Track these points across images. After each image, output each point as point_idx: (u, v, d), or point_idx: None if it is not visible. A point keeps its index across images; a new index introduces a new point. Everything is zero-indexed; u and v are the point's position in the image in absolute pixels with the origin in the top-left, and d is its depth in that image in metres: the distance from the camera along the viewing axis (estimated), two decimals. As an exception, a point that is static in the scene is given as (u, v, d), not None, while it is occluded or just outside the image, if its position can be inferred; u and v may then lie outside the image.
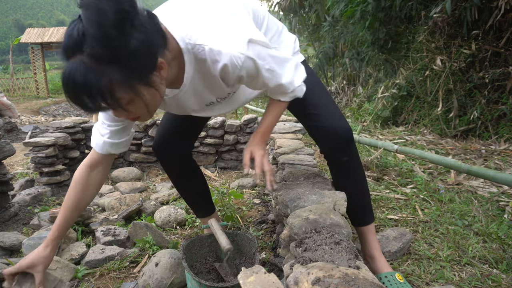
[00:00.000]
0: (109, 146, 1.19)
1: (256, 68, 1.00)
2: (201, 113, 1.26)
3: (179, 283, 1.41)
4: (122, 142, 1.21)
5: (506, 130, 3.37)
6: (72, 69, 0.78)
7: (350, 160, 1.31)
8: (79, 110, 4.69)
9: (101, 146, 1.19)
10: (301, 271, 0.77)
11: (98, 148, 1.20)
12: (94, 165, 1.22)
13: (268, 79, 1.06)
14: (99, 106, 0.82)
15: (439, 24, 4.00)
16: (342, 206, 1.26)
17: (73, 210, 1.20)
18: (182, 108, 1.20)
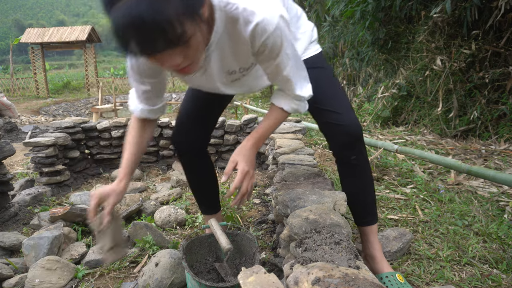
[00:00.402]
0: (147, 112, 1.23)
1: (280, 43, 0.98)
2: (220, 86, 1.20)
3: (179, 283, 1.41)
4: (158, 109, 1.25)
5: (506, 130, 3.37)
6: (131, 8, 0.71)
7: (358, 158, 1.31)
8: (79, 105, 4.64)
9: (139, 112, 1.23)
10: (301, 271, 0.77)
11: (136, 113, 1.24)
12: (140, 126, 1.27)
13: (283, 65, 1.04)
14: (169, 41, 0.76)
15: (439, 24, 4.00)
16: (342, 206, 1.26)
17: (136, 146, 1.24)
18: (204, 75, 1.14)
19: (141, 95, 1.20)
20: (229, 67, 1.11)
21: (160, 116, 1.30)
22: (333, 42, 7.48)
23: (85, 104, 12.79)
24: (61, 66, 37.46)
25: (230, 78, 1.17)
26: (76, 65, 42.50)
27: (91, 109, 9.02)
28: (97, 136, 3.28)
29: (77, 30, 14.33)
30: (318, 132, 4.29)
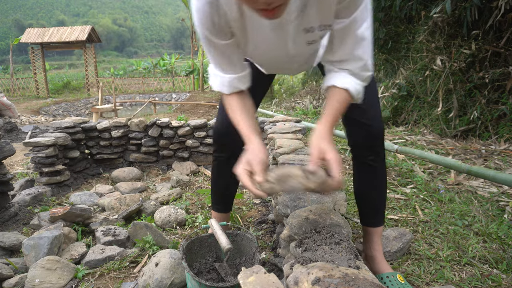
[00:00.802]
0: (236, 81, 1.13)
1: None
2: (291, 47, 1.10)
3: (179, 283, 1.41)
4: (246, 75, 1.15)
5: (506, 130, 3.37)
6: None
7: (376, 160, 1.30)
8: (79, 105, 4.65)
9: (227, 84, 1.13)
10: (301, 271, 0.77)
11: (225, 88, 1.14)
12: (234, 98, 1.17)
13: (359, 18, 0.96)
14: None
15: (439, 24, 4.00)
16: (342, 206, 1.26)
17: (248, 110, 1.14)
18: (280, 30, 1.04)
19: (222, 62, 1.10)
20: (309, 23, 1.01)
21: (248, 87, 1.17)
22: (333, 42, 7.47)
23: (85, 104, 12.79)
24: (61, 66, 37.48)
25: (305, 38, 1.06)
26: (76, 65, 42.52)
27: (91, 109, 9.02)
28: (97, 136, 3.28)
29: (77, 30, 14.34)
30: (318, 132, 4.28)
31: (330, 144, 0.98)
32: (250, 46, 1.13)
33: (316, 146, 0.99)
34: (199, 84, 12.86)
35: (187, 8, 11.95)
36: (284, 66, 1.31)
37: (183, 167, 3.22)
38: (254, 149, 1.02)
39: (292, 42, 1.07)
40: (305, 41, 1.07)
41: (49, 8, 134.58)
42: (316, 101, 7.58)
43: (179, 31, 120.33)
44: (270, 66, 1.35)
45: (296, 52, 1.13)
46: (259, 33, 1.06)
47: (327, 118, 1.03)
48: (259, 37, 1.08)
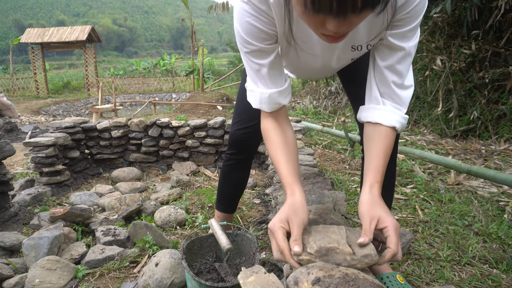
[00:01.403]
0: (276, 95, 1.04)
1: (417, 11, 0.88)
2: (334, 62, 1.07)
3: (179, 283, 1.41)
4: (286, 89, 1.07)
5: (506, 130, 3.37)
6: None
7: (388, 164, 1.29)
8: (79, 105, 4.65)
9: (267, 100, 1.04)
10: (301, 271, 0.77)
11: (266, 105, 1.05)
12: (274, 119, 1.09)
13: (409, 38, 0.92)
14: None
15: (439, 24, 4.00)
16: (342, 206, 1.26)
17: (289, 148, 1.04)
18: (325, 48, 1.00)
19: (265, 75, 1.03)
20: (357, 41, 0.97)
21: (288, 101, 1.09)
22: (333, 42, 7.47)
23: (85, 104, 12.79)
24: (61, 66, 37.47)
25: (351, 55, 1.04)
26: (76, 65, 42.52)
27: (91, 109, 9.02)
28: (97, 136, 3.28)
29: (77, 30, 14.33)
30: (318, 132, 4.29)
31: (386, 210, 0.88)
32: (292, 56, 1.09)
33: (368, 213, 0.88)
34: (199, 84, 12.84)
35: (187, 8, 11.95)
36: (316, 75, 1.30)
37: (183, 167, 3.22)
38: (295, 204, 0.91)
39: (337, 58, 1.05)
40: (350, 57, 1.06)
41: (49, 8, 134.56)
42: (316, 101, 7.58)
43: (179, 31, 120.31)
44: (304, 74, 1.34)
45: (339, 67, 1.13)
46: (306, 46, 1.02)
47: (376, 177, 0.93)
48: (307, 53, 1.05)
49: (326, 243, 0.83)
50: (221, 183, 1.63)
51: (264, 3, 0.90)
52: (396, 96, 0.99)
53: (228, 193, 1.64)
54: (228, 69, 17.24)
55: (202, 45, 12.14)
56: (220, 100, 8.82)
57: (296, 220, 0.87)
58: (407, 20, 0.89)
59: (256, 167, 3.25)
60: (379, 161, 0.95)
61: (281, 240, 0.85)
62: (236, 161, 1.52)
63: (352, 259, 0.81)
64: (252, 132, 1.40)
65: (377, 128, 0.99)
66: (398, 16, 0.88)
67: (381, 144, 0.97)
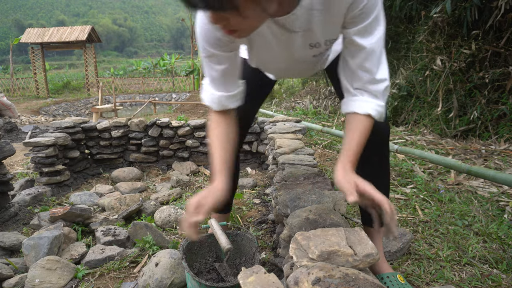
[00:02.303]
0: (225, 99, 1.14)
1: (369, 7, 0.91)
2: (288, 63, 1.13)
3: (179, 283, 1.41)
4: (236, 94, 1.16)
5: (506, 130, 3.37)
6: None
7: (381, 159, 1.29)
8: (79, 105, 4.66)
9: (217, 101, 1.14)
10: (301, 271, 0.77)
11: (214, 104, 1.15)
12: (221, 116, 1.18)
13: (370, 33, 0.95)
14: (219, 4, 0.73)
15: (439, 24, 4.00)
16: (342, 206, 1.26)
17: (228, 141, 1.14)
18: (279, 46, 1.05)
19: (217, 79, 1.11)
20: (314, 38, 1.01)
21: (237, 105, 1.18)
22: (333, 42, 7.47)
23: (85, 104, 12.79)
24: (61, 66, 37.49)
25: (311, 52, 1.07)
26: (76, 65, 42.53)
27: (91, 109, 9.02)
28: (97, 136, 3.28)
29: (77, 30, 14.33)
30: (318, 132, 4.29)
31: (360, 179, 0.94)
32: (256, 58, 1.16)
33: (344, 178, 0.94)
34: (199, 84, 12.85)
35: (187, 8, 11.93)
36: (293, 73, 1.33)
37: (183, 167, 3.22)
38: (211, 188, 1.05)
39: (298, 55, 1.09)
40: (311, 54, 1.09)
41: (49, 8, 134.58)
42: (316, 101, 7.58)
43: (179, 31, 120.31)
44: (278, 74, 1.38)
45: (303, 63, 1.15)
46: (266, 47, 1.08)
47: (349, 157, 0.99)
48: (265, 51, 1.10)
49: (327, 246, 0.84)
50: None
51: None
52: (370, 91, 1.03)
53: None
54: (228, 69, 17.20)
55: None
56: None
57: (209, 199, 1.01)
58: (362, 17, 0.92)
59: (256, 167, 3.25)
60: (351, 144, 1.00)
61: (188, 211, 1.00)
62: None
63: (355, 260, 0.82)
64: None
65: (354, 117, 1.04)
66: (352, 14, 0.92)
67: (356, 130, 1.02)
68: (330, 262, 0.81)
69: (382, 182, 1.34)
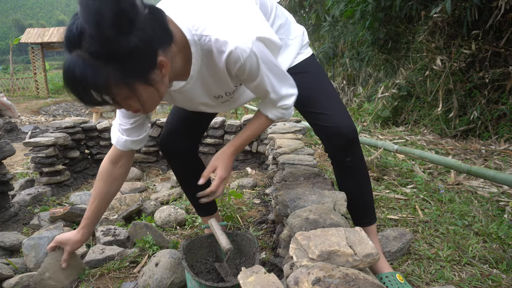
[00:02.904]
0: (130, 143, 1.25)
1: (257, 66, 0.98)
2: (209, 108, 1.25)
3: (179, 283, 1.41)
4: (141, 139, 1.27)
5: (506, 130, 3.37)
6: (71, 63, 0.79)
7: (354, 160, 1.30)
8: (79, 105, 4.70)
9: (122, 144, 1.25)
10: (301, 271, 0.77)
11: (119, 145, 1.26)
12: (116, 160, 1.30)
13: (264, 83, 1.05)
14: (95, 100, 0.85)
15: (439, 24, 4.00)
16: (342, 206, 1.25)
17: (101, 201, 1.32)
18: (190, 101, 1.19)
19: (125, 127, 1.22)
20: (214, 93, 1.14)
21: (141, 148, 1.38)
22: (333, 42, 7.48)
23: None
24: (61, 66, 37.42)
25: (219, 101, 1.20)
26: (76, 65, 42.45)
27: (91, 109, 9.01)
28: (97, 136, 3.28)
29: (77, 30, 14.32)
30: (318, 132, 4.29)
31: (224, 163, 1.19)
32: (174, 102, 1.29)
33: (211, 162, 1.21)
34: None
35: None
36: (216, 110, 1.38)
37: (183, 167, 3.22)
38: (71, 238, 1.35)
39: (208, 103, 1.20)
40: (220, 101, 1.21)
41: (49, 8, 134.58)
42: (316, 101, 7.58)
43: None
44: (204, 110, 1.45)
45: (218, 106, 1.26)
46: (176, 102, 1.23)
47: (235, 142, 1.22)
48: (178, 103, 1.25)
49: (327, 246, 0.84)
50: (183, 190, 1.66)
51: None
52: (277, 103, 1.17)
53: (190, 197, 1.61)
54: (228, 69, 17.22)
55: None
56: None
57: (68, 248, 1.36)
58: (249, 79, 1.04)
59: (256, 167, 3.25)
60: (244, 132, 1.22)
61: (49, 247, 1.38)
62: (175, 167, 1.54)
63: (355, 260, 0.82)
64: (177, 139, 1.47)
65: (257, 112, 1.23)
66: (242, 78, 1.05)
67: (253, 123, 1.22)
68: (330, 262, 0.81)
69: (357, 182, 1.35)
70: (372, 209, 1.41)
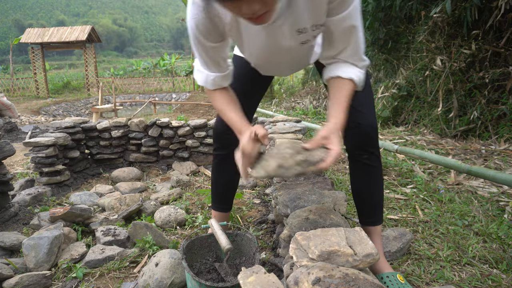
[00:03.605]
0: (219, 79, 1.21)
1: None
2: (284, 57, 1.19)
3: (179, 283, 1.41)
4: (228, 74, 1.24)
5: (506, 130, 3.37)
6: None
7: (371, 158, 1.30)
8: (79, 105, 4.66)
9: (211, 82, 1.22)
10: (301, 271, 0.77)
11: (209, 85, 1.23)
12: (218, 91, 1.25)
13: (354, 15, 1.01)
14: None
15: (439, 24, 4.00)
16: (342, 206, 1.26)
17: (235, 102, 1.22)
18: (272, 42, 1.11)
19: (209, 61, 1.18)
20: (301, 24, 1.05)
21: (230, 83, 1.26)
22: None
23: (85, 104, 12.79)
24: (61, 66, 37.47)
25: (299, 39, 1.10)
26: (76, 65, 42.52)
27: (91, 109, 9.01)
28: (97, 136, 3.28)
29: (77, 30, 14.33)
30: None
31: (338, 139, 0.99)
32: (246, 48, 1.20)
33: (324, 133, 1.00)
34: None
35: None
36: (280, 68, 1.35)
37: (183, 167, 3.22)
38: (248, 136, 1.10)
39: (285, 43, 1.11)
40: (298, 41, 1.12)
41: (49, 8, 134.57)
42: (316, 101, 7.58)
43: (179, 31, 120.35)
44: (266, 68, 1.39)
45: (290, 52, 1.17)
46: (253, 36, 1.11)
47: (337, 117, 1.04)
48: (253, 40, 1.13)
49: (327, 246, 0.84)
50: (213, 182, 1.62)
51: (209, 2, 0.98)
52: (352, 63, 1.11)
53: (221, 191, 1.62)
54: (228, 69, 17.21)
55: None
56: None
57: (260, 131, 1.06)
58: (343, 3, 0.98)
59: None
60: (341, 106, 1.06)
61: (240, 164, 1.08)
62: (222, 157, 1.51)
63: (355, 260, 0.82)
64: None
65: (337, 81, 1.10)
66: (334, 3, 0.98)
67: (341, 94, 1.08)
68: (330, 262, 0.81)
69: (371, 180, 1.35)
70: (381, 209, 1.41)
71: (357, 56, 1.10)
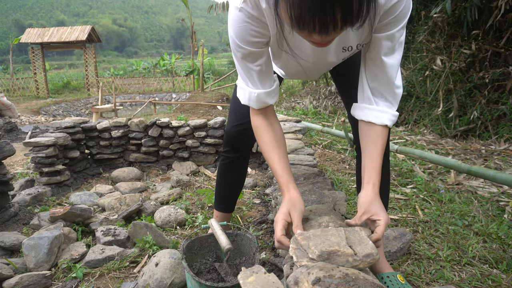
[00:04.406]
0: (265, 96, 1.13)
1: (406, 13, 0.94)
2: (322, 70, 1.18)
3: (179, 283, 1.41)
4: (274, 90, 1.16)
5: (506, 130, 3.37)
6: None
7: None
8: (79, 105, 4.66)
9: (255, 99, 1.14)
10: (301, 271, 0.76)
11: (253, 103, 1.15)
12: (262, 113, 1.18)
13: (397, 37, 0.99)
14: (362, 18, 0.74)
15: (439, 24, 4.00)
16: (342, 206, 1.26)
17: (280, 147, 1.14)
18: (318, 57, 1.09)
19: (254, 78, 1.11)
20: (347, 43, 1.04)
21: (275, 101, 1.18)
22: (333, 42, 7.47)
23: (85, 104, 12.78)
24: (61, 66, 37.42)
25: (342, 55, 1.10)
26: (76, 65, 42.48)
27: (91, 109, 9.01)
28: (97, 136, 3.28)
29: (77, 30, 14.32)
30: (318, 132, 4.29)
31: (381, 207, 1.00)
32: (283, 60, 1.17)
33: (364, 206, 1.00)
34: (199, 84, 12.87)
35: (187, 8, 11.94)
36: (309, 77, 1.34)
37: (183, 167, 3.22)
38: (293, 198, 1.05)
39: (330, 59, 1.11)
40: (341, 57, 1.12)
41: (49, 8, 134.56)
42: (316, 101, 7.58)
43: (179, 31, 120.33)
44: (294, 75, 1.37)
45: (330, 65, 1.17)
46: (298, 49, 1.08)
47: (377, 176, 1.03)
48: (297, 53, 1.09)
49: (327, 246, 0.84)
50: (219, 182, 1.63)
51: (256, 9, 0.95)
52: (386, 96, 1.07)
53: (225, 192, 1.63)
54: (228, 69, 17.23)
55: (202, 45, 12.13)
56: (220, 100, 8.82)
57: (295, 211, 1.02)
58: (393, 24, 0.96)
59: (256, 167, 3.25)
60: (377, 161, 1.05)
61: (278, 230, 0.99)
62: (232, 160, 1.52)
63: (354, 260, 0.82)
64: (247, 129, 1.39)
65: (371, 127, 1.08)
66: (385, 21, 0.95)
67: (378, 144, 1.06)
68: (330, 262, 0.81)
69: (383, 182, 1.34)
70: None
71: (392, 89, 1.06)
